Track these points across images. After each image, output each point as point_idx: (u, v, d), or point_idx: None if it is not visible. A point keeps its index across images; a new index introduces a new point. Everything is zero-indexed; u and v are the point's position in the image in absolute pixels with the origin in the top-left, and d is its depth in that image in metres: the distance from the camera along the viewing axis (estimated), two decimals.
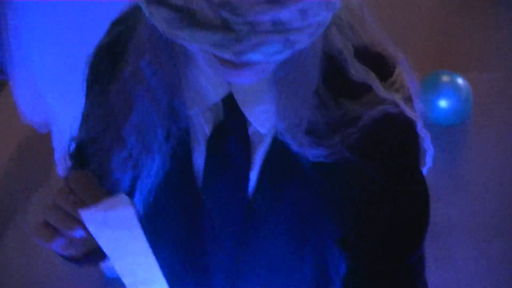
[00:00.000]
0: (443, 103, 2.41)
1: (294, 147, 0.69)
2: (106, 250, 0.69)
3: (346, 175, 0.71)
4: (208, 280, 0.91)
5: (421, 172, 0.75)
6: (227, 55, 0.54)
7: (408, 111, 0.70)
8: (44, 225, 0.68)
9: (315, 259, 0.86)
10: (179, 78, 0.72)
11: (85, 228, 0.67)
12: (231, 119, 0.73)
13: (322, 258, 0.85)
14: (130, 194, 0.77)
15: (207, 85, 0.71)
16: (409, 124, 0.71)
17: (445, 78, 2.46)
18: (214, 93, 0.72)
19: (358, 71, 0.68)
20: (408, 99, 0.71)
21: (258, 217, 0.78)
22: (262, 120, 0.72)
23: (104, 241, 0.68)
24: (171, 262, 0.91)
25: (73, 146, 0.85)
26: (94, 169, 0.76)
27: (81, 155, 0.83)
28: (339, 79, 0.69)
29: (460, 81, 2.45)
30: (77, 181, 0.69)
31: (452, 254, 2.11)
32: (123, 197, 0.67)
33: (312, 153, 0.69)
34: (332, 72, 0.69)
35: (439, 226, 2.17)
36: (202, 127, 0.75)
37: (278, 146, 0.72)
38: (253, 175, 0.76)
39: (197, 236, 0.83)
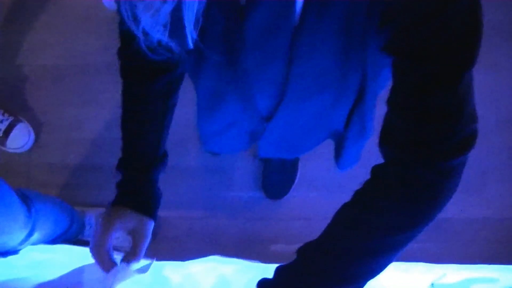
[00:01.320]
0: None
1: None
2: None
3: None
4: (253, 100, 0.95)
5: None
6: None
7: None
8: None
9: (359, 70, 0.85)
10: None
11: None
12: None
13: (364, 69, 0.85)
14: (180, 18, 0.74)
15: None
16: None
17: None
18: None
19: None
20: None
21: (305, 35, 0.76)
22: None
23: None
24: (216, 83, 0.94)
25: None
26: None
27: None
28: None
29: None
30: None
31: (495, 57, 2.05)
32: None
33: None
34: None
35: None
36: None
37: None
38: None
39: (241, 56, 0.83)
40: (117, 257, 1.01)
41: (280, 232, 1.89)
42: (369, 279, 0.79)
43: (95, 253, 0.95)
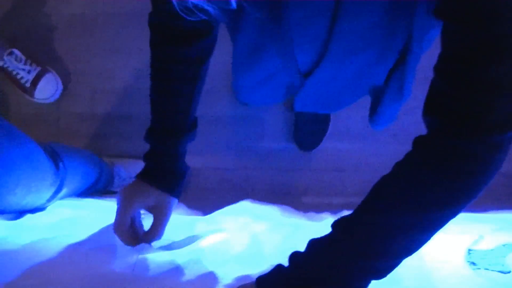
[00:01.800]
0: None
1: None
2: None
3: None
4: (293, 57, 0.92)
5: None
6: None
7: None
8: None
9: (405, 31, 0.82)
10: None
11: None
12: None
13: (410, 30, 0.81)
14: None
15: None
16: None
17: None
18: None
19: None
20: None
21: None
22: None
23: None
24: (256, 38, 0.91)
25: None
26: None
27: None
28: None
29: None
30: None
31: None
32: None
33: None
34: None
35: None
36: None
37: None
38: None
39: (283, 12, 0.80)
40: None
41: (311, 184, 1.88)
42: (407, 256, 0.76)
43: (117, 233, 0.95)
